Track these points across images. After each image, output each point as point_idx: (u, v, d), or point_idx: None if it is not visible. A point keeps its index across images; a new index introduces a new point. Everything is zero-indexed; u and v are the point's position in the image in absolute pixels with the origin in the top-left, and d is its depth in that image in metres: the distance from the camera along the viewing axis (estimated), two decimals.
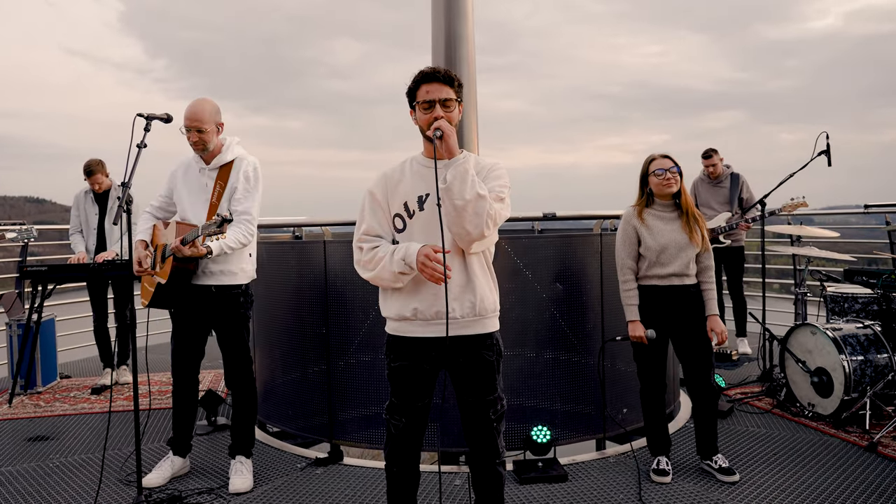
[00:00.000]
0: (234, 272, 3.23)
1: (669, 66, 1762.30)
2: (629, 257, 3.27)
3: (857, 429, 3.80)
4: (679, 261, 3.20)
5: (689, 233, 3.20)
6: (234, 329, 3.27)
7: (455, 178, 2.02)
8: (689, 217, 3.23)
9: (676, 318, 3.24)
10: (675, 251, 3.20)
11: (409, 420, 2.28)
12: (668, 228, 3.23)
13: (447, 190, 2.02)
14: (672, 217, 3.26)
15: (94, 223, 5.10)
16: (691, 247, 3.21)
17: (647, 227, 3.23)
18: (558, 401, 3.68)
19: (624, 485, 3.20)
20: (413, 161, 2.28)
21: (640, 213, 3.27)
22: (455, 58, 4.60)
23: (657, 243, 3.20)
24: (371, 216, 2.25)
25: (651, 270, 3.24)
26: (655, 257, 3.21)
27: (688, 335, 3.25)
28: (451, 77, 2.19)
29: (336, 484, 3.28)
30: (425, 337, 2.20)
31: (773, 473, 3.29)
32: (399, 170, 2.28)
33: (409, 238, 2.19)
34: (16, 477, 3.44)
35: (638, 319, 3.22)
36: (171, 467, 3.37)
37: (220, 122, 3.22)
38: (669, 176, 3.20)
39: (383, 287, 2.25)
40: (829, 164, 4.64)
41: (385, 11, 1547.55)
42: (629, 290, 3.26)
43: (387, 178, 2.27)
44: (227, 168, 3.22)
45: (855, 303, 4.43)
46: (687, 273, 3.23)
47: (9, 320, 5.32)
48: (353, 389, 3.68)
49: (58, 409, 4.68)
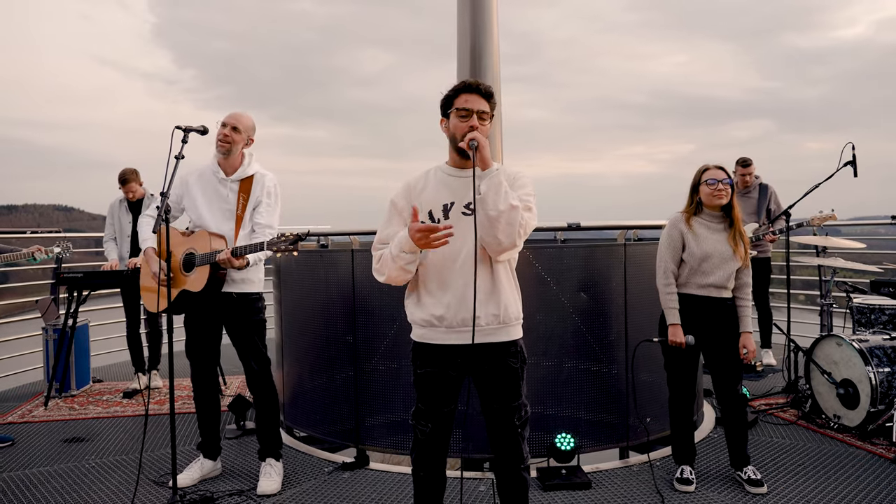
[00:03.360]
0: (252, 280, 3.35)
1: (696, 74, 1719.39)
2: (672, 261, 3.28)
3: (884, 441, 3.78)
4: (721, 272, 3.21)
5: (735, 246, 3.20)
6: (254, 334, 3.36)
7: (490, 190, 2.08)
8: (736, 231, 3.23)
9: (711, 329, 3.25)
10: (717, 261, 3.21)
11: (434, 426, 2.33)
12: (713, 238, 3.23)
13: (482, 201, 2.09)
14: (719, 228, 3.26)
15: (129, 231, 5.24)
16: (734, 260, 3.21)
17: (694, 234, 3.24)
18: (582, 409, 3.71)
19: (647, 493, 3.22)
20: (437, 170, 2.34)
21: (689, 219, 3.29)
22: (479, 70, 4.69)
23: (701, 250, 3.21)
24: (387, 226, 2.31)
25: (691, 279, 3.25)
26: (697, 265, 3.23)
27: (720, 346, 3.27)
28: (490, 93, 2.26)
29: (362, 488, 3.34)
30: (451, 344, 2.25)
31: (799, 485, 3.28)
32: (423, 179, 2.34)
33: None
34: (54, 476, 3.55)
35: (679, 323, 3.23)
36: (200, 469, 3.46)
37: (252, 139, 3.37)
38: (722, 187, 3.20)
39: (400, 282, 2.28)
40: (856, 174, 4.62)
41: (412, 21, 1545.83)
42: (670, 293, 3.27)
43: (410, 188, 2.34)
44: (248, 182, 3.33)
45: (882, 314, 4.40)
46: (726, 286, 3.24)
47: (45, 325, 5.48)
48: (379, 395, 3.75)
49: (91, 412, 4.81)
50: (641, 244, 3.87)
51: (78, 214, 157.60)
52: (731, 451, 3.36)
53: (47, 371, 5.34)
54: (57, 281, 5.21)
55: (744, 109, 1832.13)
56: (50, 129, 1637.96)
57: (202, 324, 3.38)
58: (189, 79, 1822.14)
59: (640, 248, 3.84)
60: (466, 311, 2.18)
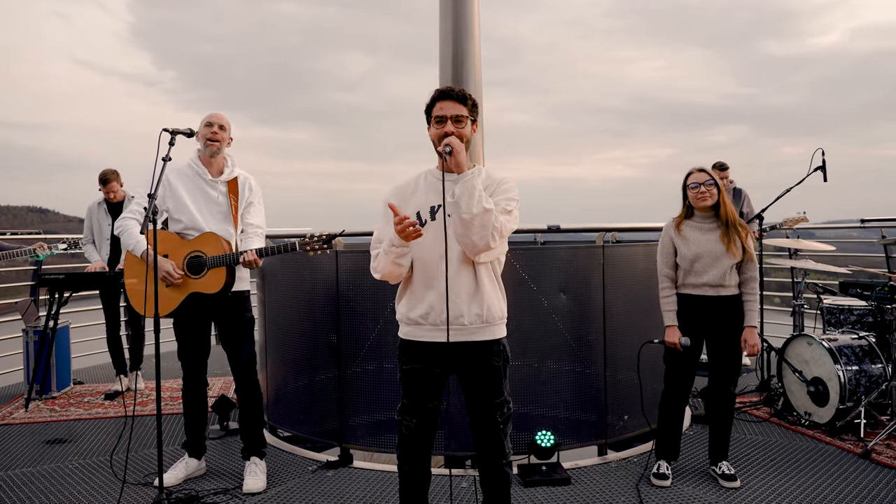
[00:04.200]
0: (244, 278, 3.42)
1: (674, 80, 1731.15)
2: (666, 266, 3.41)
3: (852, 437, 3.91)
4: (714, 271, 3.28)
5: (728, 244, 3.27)
6: (245, 331, 3.42)
7: (463, 193, 2.15)
8: (730, 228, 3.29)
9: (709, 327, 3.34)
10: (709, 260, 3.28)
11: (419, 421, 2.40)
12: (704, 238, 3.32)
13: (455, 204, 2.16)
14: (710, 228, 3.35)
15: (108, 233, 5.22)
16: (727, 257, 3.26)
17: (683, 238, 3.35)
18: (561, 408, 3.79)
19: (625, 488, 3.31)
20: (428, 174, 2.42)
21: (679, 224, 3.40)
22: (461, 75, 4.76)
23: (690, 252, 3.31)
24: (383, 225, 2.38)
25: (686, 279, 3.35)
26: (689, 266, 3.32)
27: (719, 344, 3.35)
28: (464, 96, 2.33)
29: (347, 485, 3.39)
30: (435, 342, 2.32)
31: (770, 479, 3.40)
32: (413, 182, 2.43)
33: (420, 247, 2.30)
34: (38, 477, 3.55)
35: (674, 325, 3.34)
36: (185, 468, 3.49)
37: (231, 138, 3.45)
38: (704, 189, 3.30)
39: (394, 279, 2.36)
40: (825, 179, 4.77)
41: (396, 25, 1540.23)
42: (667, 297, 3.39)
43: (400, 190, 2.42)
44: (234, 183, 3.41)
45: (850, 314, 4.55)
46: (723, 284, 3.29)
47: (25, 327, 5.45)
48: (362, 395, 3.80)
49: (73, 413, 4.80)
50: (619, 246, 3.97)
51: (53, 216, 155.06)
52: (712, 447, 3.45)
53: (27, 373, 5.31)
54: (39, 282, 5.19)
55: (721, 115, 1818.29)
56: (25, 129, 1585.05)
57: (193, 325, 3.41)
58: (169, 80, 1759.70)
59: (618, 250, 3.94)
60: (450, 311, 2.25)
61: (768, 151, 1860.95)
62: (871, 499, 3.12)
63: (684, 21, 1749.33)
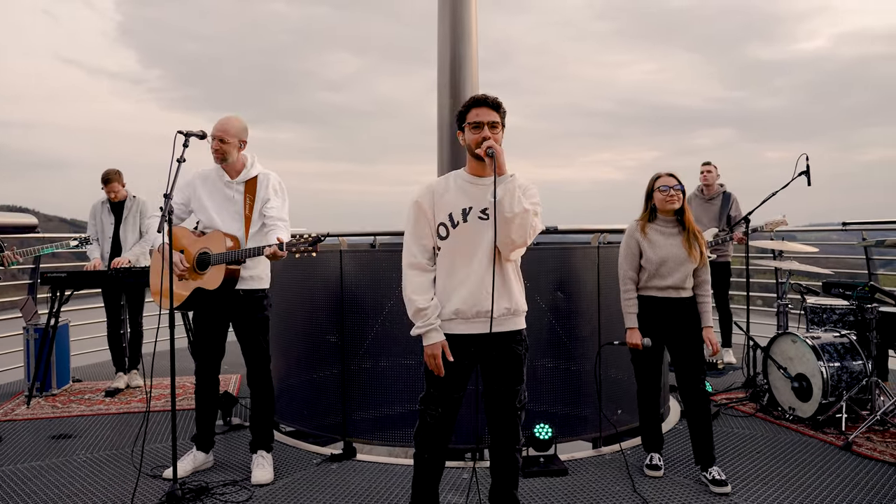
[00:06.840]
0: (261, 277, 3.50)
1: (662, 83, 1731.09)
2: (630, 268, 3.48)
3: (834, 430, 4.09)
4: (678, 274, 3.39)
5: (689, 249, 3.38)
6: (258, 331, 3.51)
7: (506, 194, 2.32)
8: (690, 234, 3.41)
9: (672, 328, 3.45)
10: (674, 265, 3.39)
11: (444, 410, 2.54)
12: (668, 243, 3.42)
13: (499, 204, 2.32)
14: (673, 232, 3.45)
15: (110, 232, 5.30)
16: (689, 262, 3.39)
17: (649, 241, 3.43)
18: (558, 403, 3.94)
19: (619, 479, 3.45)
20: (457, 177, 2.56)
21: (644, 227, 3.47)
22: (459, 78, 4.87)
23: (657, 256, 3.40)
24: (415, 225, 2.52)
25: (651, 282, 3.44)
26: (655, 269, 3.41)
27: (682, 343, 3.45)
28: (498, 104, 2.49)
29: (351, 477, 3.51)
30: (466, 334, 2.48)
31: (757, 470, 3.55)
32: (444, 183, 2.56)
33: (451, 246, 2.47)
34: (46, 470, 3.63)
35: (636, 327, 3.44)
36: (192, 461, 3.58)
37: (244, 140, 3.48)
38: (673, 193, 3.40)
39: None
40: (809, 183, 4.95)
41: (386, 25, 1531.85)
42: (629, 299, 3.47)
43: (433, 190, 2.55)
44: (252, 182, 3.47)
45: (833, 313, 4.73)
46: (683, 286, 3.42)
47: (25, 325, 5.50)
48: (365, 391, 3.92)
49: (75, 410, 4.86)
50: (613, 247, 4.11)
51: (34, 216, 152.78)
52: (696, 447, 3.45)
53: (28, 370, 5.37)
54: (41, 280, 5.25)
55: (707, 118, 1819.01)
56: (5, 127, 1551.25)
57: (211, 321, 3.51)
58: (155, 78, 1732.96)
59: (612, 251, 4.08)
60: (480, 305, 2.43)
61: (751, 155, 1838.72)
62: (851, 487, 3.29)
63: (672, 25, 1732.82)
